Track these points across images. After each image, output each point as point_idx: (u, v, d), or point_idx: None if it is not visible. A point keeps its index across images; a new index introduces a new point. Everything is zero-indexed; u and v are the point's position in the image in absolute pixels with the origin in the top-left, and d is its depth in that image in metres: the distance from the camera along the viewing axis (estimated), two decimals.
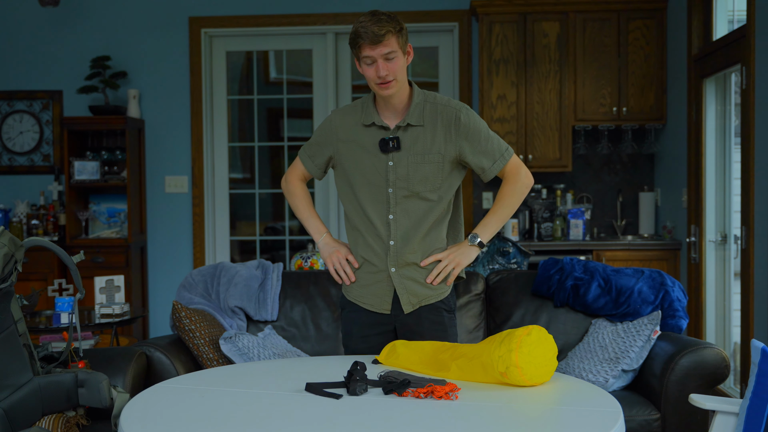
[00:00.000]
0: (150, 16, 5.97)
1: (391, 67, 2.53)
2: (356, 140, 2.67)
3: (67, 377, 2.40)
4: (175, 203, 6.03)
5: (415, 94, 2.65)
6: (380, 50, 2.50)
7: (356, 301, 2.75)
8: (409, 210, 2.64)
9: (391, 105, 2.64)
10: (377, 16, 2.50)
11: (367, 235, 2.69)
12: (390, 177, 2.63)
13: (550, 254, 5.16)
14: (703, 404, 2.42)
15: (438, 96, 2.69)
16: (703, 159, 4.79)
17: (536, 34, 5.50)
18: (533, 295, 3.54)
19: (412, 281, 2.69)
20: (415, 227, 2.65)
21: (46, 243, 2.48)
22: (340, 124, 2.72)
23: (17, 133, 6.05)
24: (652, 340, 3.14)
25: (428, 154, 2.61)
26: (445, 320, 2.75)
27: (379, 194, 2.65)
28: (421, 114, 2.63)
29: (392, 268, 2.67)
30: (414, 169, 2.61)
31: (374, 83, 2.56)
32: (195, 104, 5.97)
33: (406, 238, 2.65)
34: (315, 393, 2.15)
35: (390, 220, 2.65)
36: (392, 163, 2.62)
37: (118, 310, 3.99)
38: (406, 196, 2.63)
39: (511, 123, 5.52)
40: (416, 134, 2.63)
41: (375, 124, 2.65)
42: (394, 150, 2.61)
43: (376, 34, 2.47)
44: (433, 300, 2.71)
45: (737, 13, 4.59)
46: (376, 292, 2.71)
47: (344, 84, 6.05)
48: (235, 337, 3.13)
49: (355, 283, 2.75)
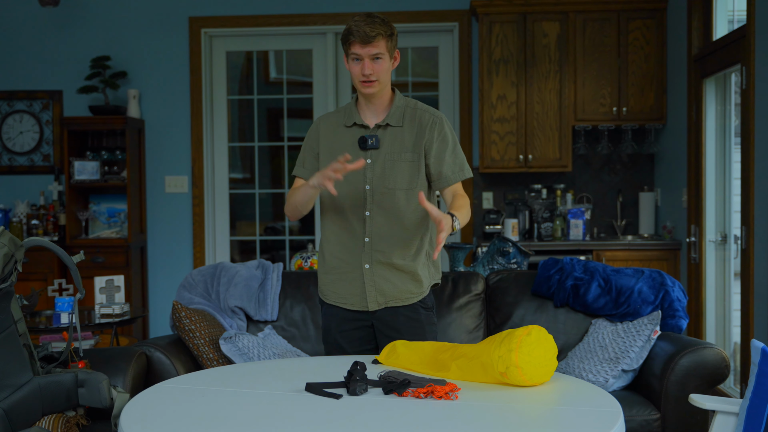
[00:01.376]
0: (150, 16, 5.97)
1: (376, 68, 2.64)
2: (337, 140, 2.77)
3: (67, 377, 2.40)
4: (175, 203, 6.03)
5: (397, 98, 2.77)
6: (368, 50, 2.62)
7: (335, 303, 2.81)
8: (386, 207, 2.71)
9: (372, 105, 2.75)
10: (372, 17, 2.63)
11: (342, 232, 2.75)
12: (368, 174, 2.71)
13: (550, 254, 5.16)
14: (703, 404, 2.42)
15: (419, 103, 2.81)
16: (703, 159, 4.79)
17: (536, 34, 5.50)
18: (533, 295, 3.54)
19: (384, 280, 2.73)
20: (390, 225, 2.71)
21: (46, 243, 2.48)
22: (324, 126, 2.83)
23: (17, 133, 6.05)
24: (652, 340, 3.14)
25: (405, 153, 2.71)
26: (422, 317, 2.79)
27: (357, 191, 2.71)
28: (401, 116, 2.75)
29: (366, 265, 2.73)
30: (390, 167, 2.70)
31: (358, 80, 2.68)
32: (195, 104, 5.97)
33: (380, 235, 2.71)
34: (315, 393, 2.15)
35: (366, 217, 2.71)
36: (370, 161, 2.71)
37: (118, 310, 3.99)
38: (383, 192, 2.70)
39: (511, 123, 5.52)
40: (395, 134, 2.73)
41: (356, 123, 2.75)
42: (373, 148, 2.71)
43: (367, 34, 2.59)
44: (400, 303, 2.75)
45: (737, 13, 4.59)
46: (353, 291, 2.76)
47: (344, 84, 6.05)
48: (235, 337, 3.13)
49: (330, 284, 2.80)
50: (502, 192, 5.85)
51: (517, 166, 5.53)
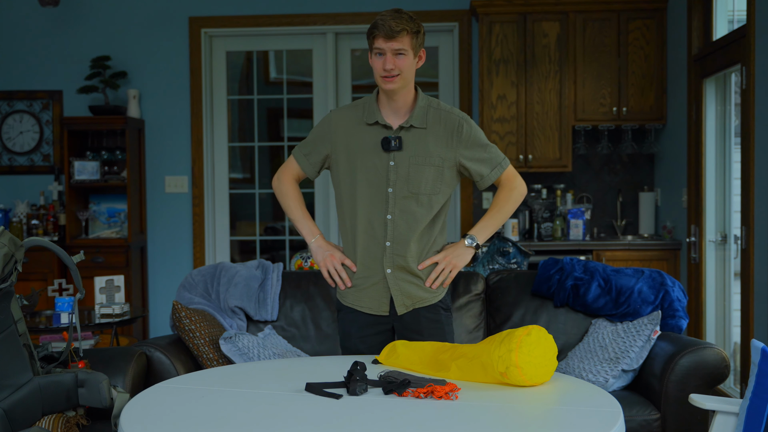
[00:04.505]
0: (150, 16, 5.97)
1: (398, 63, 2.59)
2: (357, 139, 2.69)
3: (67, 377, 2.40)
4: (175, 203, 6.02)
5: (420, 98, 2.71)
6: (391, 45, 2.57)
7: (353, 306, 2.76)
8: (407, 211, 2.66)
9: (394, 104, 2.68)
10: (399, 13, 2.60)
11: (364, 236, 2.69)
12: (391, 177, 2.65)
13: (550, 254, 5.16)
14: (703, 404, 2.42)
15: (441, 103, 2.76)
16: (703, 159, 4.79)
17: (536, 34, 5.50)
18: (533, 295, 3.54)
19: (408, 283, 2.70)
20: (411, 228, 2.67)
21: (46, 243, 2.48)
22: (339, 122, 2.74)
23: (17, 133, 6.05)
24: (652, 340, 3.14)
25: (429, 157, 2.66)
26: (443, 318, 2.77)
27: (379, 194, 2.66)
28: (424, 117, 2.68)
29: (388, 270, 2.69)
30: (415, 171, 2.65)
31: (379, 75, 2.62)
32: (195, 104, 5.97)
33: (402, 239, 2.67)
34: (315, 393, 2.15)
35: (388, 220, 2.66)
36: (393, 163, 2.65)
37: (118, 310, 3.99)
38: (405, 197, 2.65)
39: (511, 123, 5.52)
40: (418, 136, 2.67)
41: (378, 122, 2.68)
42: (396, 150, 2.64)
43: (392, 29, 2.56)
44: (426, 303, 2.73)
45: (737, 13, 4.59)
46: (373, 295, 2.72)
47: (344, 84, 6.05)
48: (235, 337, 3.13)
49: (351, 288, 2.75)
50: None
51: (517, 166, 5.52)
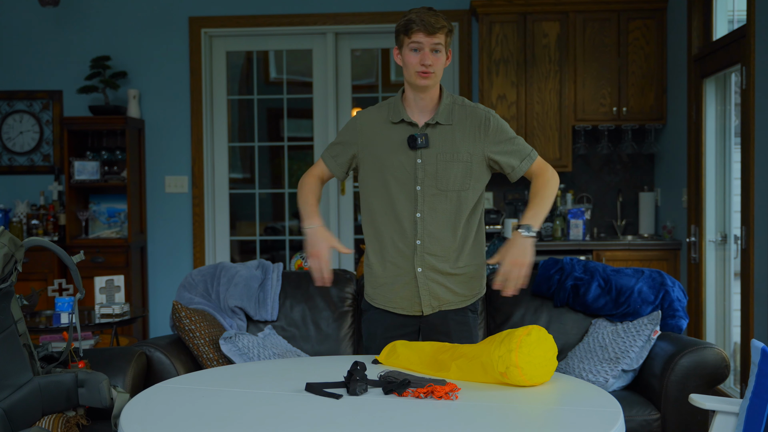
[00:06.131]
0: (150, 16, 5.97)
1: (435, 59, 2.59)
2: (383, 138, 2.69)
3: (67, 377, 2.40)
4: (175, 203, 6.02)
5: (445, 95, 2.70)
6: (431, 40, 2.57)
7: (385, 306, 2.74)
8: (437, 208, 2.65)
9: (421, 102, 2.67)
10: (433, 10, 2.61)
11: (394, 235, 2.68)
12: (419, 174, 2.65)
13: (550, 254, 5.16)
14: (703, 404, 2.42)
15: (465, 99, 2.75)
16: (703, 159, 4.79)
17: (536, 34, 5.50)
18: (533, 295, 3.54)
19: (437, 284, 2.68)
20: (441, 226, 2.65)
21: (46, 243, 2.48)
22: (365, 122, 2.74)
23: (17, 133, 6.05)
24: (652, 340, 3.14)
25: (457, 153, 2.65)
26: (470, 320, 2.76)
27: (407, 192, 2.66)
28: (450, 114, 2.68)
29: (418, 269, 2.67)
30: (443, 168, 2.64)
31: (415, 71, 2.60)
32: (195, 104, 5.97)
33: (433, 237, 2.65)
34: (315, 393, 2.15)
35: (417, 218, 2.65)
36: (420, 161, 2.64)
37: (118, 310, 3.99)
38: (434, 194, 2.65)
39: (511, 123, 5.51)
40: (445, 133, 2.66)
41: (404, 120, 2.68)
42: (423, 147, 2.64)
43: (432, 24, 2.56)
44: (453, 306, 2.71)
45: (737, 13, 4.59)
46: (405, 295, 2.70)
47: (344, 84, 6.05)
48: (235, 337, 3.13)
49: (381, 288, 2.74)
50: (502, 192, 5.84)
51: None
